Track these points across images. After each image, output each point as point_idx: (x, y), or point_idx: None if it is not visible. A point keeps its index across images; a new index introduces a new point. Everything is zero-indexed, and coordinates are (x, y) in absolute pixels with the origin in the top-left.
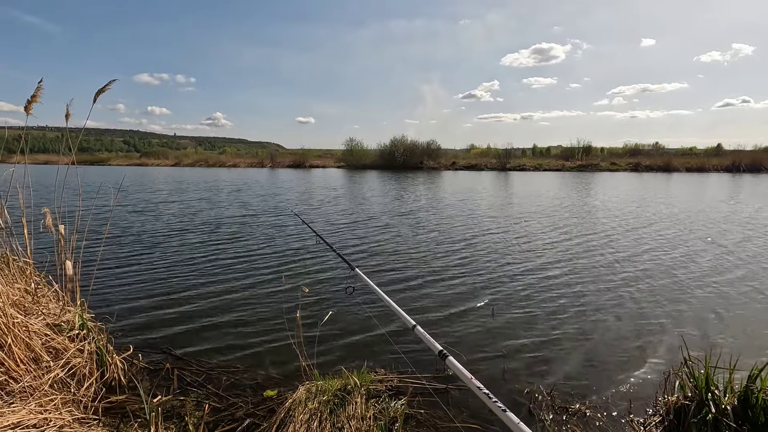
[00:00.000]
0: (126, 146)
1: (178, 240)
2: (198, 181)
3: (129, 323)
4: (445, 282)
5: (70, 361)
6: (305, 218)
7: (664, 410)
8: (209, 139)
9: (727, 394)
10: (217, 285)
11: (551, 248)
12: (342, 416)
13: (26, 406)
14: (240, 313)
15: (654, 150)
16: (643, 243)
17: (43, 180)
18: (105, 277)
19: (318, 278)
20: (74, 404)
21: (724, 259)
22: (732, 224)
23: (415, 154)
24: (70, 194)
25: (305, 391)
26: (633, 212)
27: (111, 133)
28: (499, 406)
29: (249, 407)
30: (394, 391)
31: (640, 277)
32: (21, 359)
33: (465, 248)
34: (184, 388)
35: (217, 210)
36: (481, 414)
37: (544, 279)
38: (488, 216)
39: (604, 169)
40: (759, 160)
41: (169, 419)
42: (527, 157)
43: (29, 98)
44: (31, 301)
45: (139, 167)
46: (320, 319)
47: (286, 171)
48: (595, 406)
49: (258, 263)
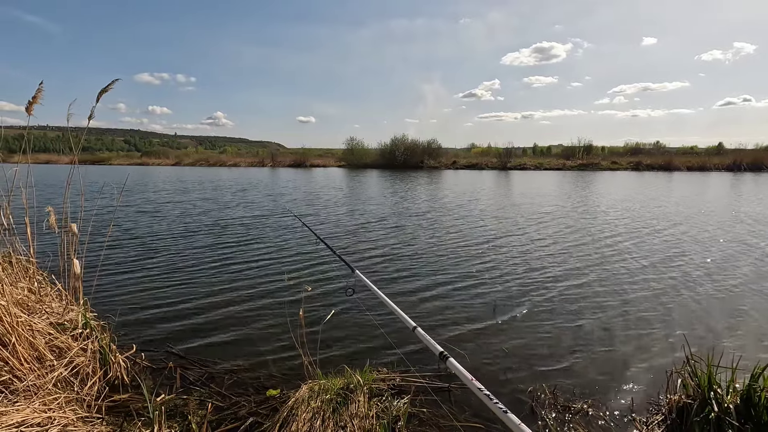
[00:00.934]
0: (127, 146)
1: (182, 239)
2: (200, 181)
3: (132, 322)
4: (461, 284)
5: (73, 360)
6: (313, 220)
7: (667, 409)
8: (210, 138)
9: (730, 392)
10: (220, 284)
11: (554, 247)
12: (345, 415)
13: (30, 405)
14: (243, 313)
15: (655, 149)
16: (642, 241)
17: (46, 179)
18: (108, 276)
19: (320, 278)
20: (77, 403)
21: (729, 257)
22: (736, 222)
23: (415, 154)
24: (72, 194)
25: (308, 389)
26: (635, 211)
27: (112, 132)
28: (500, 407)
29: (252, 406)
30: (396, 390)
31: (642, 275)
32: (25, 358)
33: (474, 249)
34: (187, 387)
35: (222, 210)
36: (484, 413)
37: (546, 277)
38: (504, 217)
39: (605, 168)
40: (760, 159)
41: (172, 418)
42: (528, 157)
43: (30, 99)
44: (34, 300)
45: (140, 167)
46: (323, 318)
47: (287, 170)
48: (597, 405)
49: (261, 263)
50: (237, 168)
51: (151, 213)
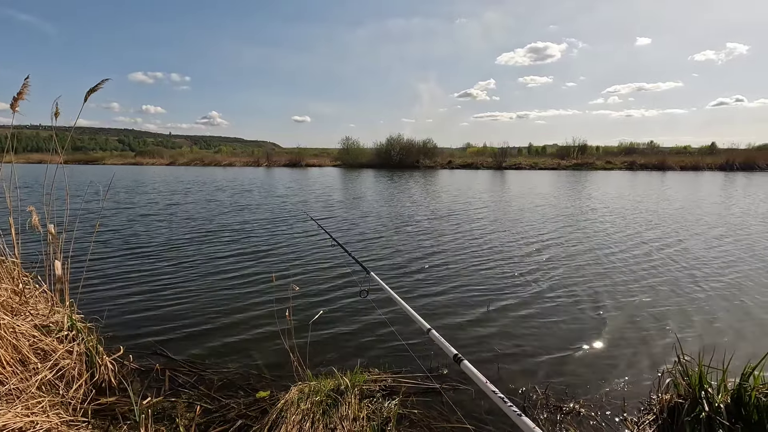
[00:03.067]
0: (121, 145)
1: (171, 240)
2: (195, 181)
3: (120, 324)
4: (467, 284)
5: (58, 363)
6: (330, 223)
7: (658, 409)
8: (205, 138)
9: (721, 392)
10: (209, 285)
11: (547, 247)
12: (335, 417)
13: (12, 409)
14: (233, 314)
15: (649, 149)
16: (635, 242)
17: (41, 179)
18: (95, 278)
19: (309, 277)
20: (62, 406)
21: (719, 256)
22: (719, 220)
23: (411, 153)
24: (61, 194)
25: (298, 391)
26: (623, 211)
27: (105, 132)
28: (514, 410)
29: (241, 408)
30: (387, 391)
31: (633, 276)
32: (7, 361)
33: (471, 249)
34: (175, 390)
35: (211, 211)
36: (475, 414)
37: (535, 277)
38: (510, 219)
39: (600, 168)
40: (752, 158)
41: (160, 421)
42: (523, 156)
43: (15, 95)
44: (18, 301)
45: (134, 166)
46: (312, 319)
47: (282, 170)
48: (589, 405)
49: (252, 263)
50: (232, 168)
51: (140, 214)
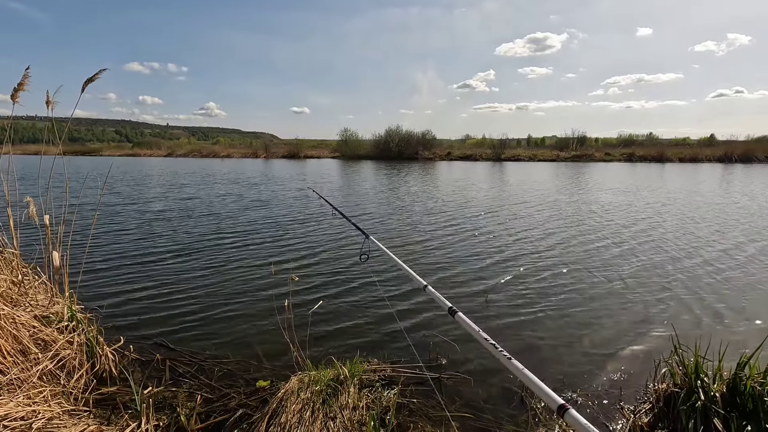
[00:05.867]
0: (118, 136)
1: (171, 230)
2: (195, 171)
3: (120, 314)
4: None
5: (59, 353)
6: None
7: (654, 398)
8: (202, 129)
9: (716, 381)
10: (209, 275)
11: (546, 238)
12: (335, 406)
13: (13, 399)
14: (233, 304)
15: (648, 140)
16: (631, 232)
17: (39, 171)
18: (95, 268)
19: (308, 264)
20: (64, 396)
21: (717, 248)
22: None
23: (410, 145)
24: (59, 185)
25: (298, 381)
26: (613, 203)
27: (102, 123)
28: (504, 355)
29: (241, 398)
30: (387, 381)
31: (630, 267)
32: (8, 351)
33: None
34: (176, 379)
35: (209, 200)
36: (474, 403)
37: (535, 267)
38: (498, 207)
39: (599, 160)
40: (751, 150)
41: (161, 410)
42: (522, 148)
43: (16, 86)
44: (18, 292)
45: (132, 158)
46: (312, 309)
47: (281, 162)
48: (586, 395)
49: (252, 253)
50: (230, 159)
51: (138, 204)
